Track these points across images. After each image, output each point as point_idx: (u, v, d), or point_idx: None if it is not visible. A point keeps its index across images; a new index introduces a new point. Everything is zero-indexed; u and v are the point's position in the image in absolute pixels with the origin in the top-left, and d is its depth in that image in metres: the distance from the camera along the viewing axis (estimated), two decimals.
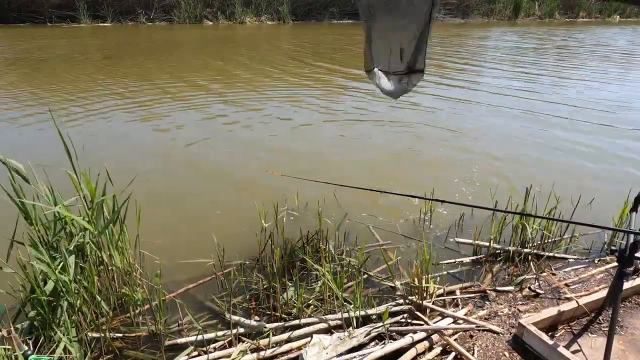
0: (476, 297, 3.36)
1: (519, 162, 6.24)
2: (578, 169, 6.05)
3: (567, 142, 6.97)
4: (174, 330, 3.01)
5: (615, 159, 6.40)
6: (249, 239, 3.71)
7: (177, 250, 3.78)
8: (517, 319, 2.98)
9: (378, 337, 2.88)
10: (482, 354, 2.72)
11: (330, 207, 4.43)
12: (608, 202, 4.75)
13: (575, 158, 6.39)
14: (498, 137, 7.36)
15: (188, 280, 3.48)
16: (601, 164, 6.17)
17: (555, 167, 5.99)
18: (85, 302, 2.80)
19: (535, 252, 3.88)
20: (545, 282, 3.51)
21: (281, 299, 3.19)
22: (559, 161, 6.26)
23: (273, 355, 2.75)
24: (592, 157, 6.39)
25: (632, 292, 3.23)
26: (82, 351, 2.56)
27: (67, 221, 2.87)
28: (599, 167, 6.09)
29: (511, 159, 6.36)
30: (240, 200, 4.88)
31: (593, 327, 2.91)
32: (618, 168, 6.10)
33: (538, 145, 6.89)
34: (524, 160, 6.33)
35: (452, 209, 4.73)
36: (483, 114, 8.72)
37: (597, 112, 8.78)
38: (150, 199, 4.76)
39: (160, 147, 6.75)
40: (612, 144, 6.89)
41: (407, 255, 3.85)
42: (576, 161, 6.26)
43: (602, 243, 4.18)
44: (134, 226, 3.22)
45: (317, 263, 3.45)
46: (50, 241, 2.84)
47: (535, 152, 6.60)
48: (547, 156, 6.43)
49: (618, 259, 2.45)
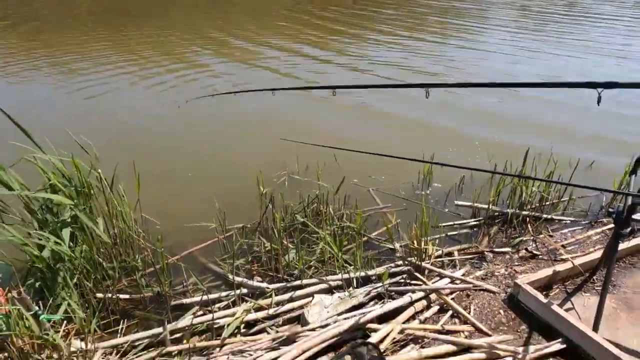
0: (474, 258, 3.43)
1: (518, 126, 6.20)
2: (578, 132, 6.01)
3: (568, 105, 6.87)
4: (179, 292, 3.09)
5: (617, 123, 6.34)
6: (250, 203, 3.73)
7: (179, 214, 3.82)
8: (513, 279, 3.05)
9: (377, 297, 2.96)
10: (478, 312, 2.81)
11: (330, 171, 4.43)
12: (607, 165, 4.76)
13: (575, 121, 6.33)
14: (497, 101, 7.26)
15: (191, 243, 3.54)
16: (602, 128, 6.12)
17: (555, 130, 5.96)
18: (86, 267, 2.85)
19: (533, 215, 3.92)
20: (542, 243, 3.57)
21: (283, 261, 3.25)
22: (558, 124, 6.21)
23: (276, 314, 2.84)
24: (593, 121, 6.33)
25: (626, 252, 3.29)
26: (89, 312, 2.64)
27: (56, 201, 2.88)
28: (600, 131, 6.05)
29: (512, 122, 6.31)
30: (240, 165, 4.88)
31: (587, 286, 2.99)
32: (619, 132, 6.06)
33: (540, 108, 6.82)
34: (524, 123, 6.28)
35: (451, 172, 4.73)
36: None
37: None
38: (150, 165, 4.76)
39: (159, 111, 6.67)
40: (616, 108, 6.80)
41: (406, 218, 3.89)
42: (576, 125, 6.20)
43: (599, 205, 4.22)
44: (134, 192, 3.23)
45: (318, 226, 3.49)
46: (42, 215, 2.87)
47: (536, 114, 6.54)
48: (547, 119, 6.38)
49: (615, 221, 2.47)
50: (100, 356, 2.44)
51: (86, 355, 2.43)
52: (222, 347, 2.55)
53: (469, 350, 2.44)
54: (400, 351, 2.46)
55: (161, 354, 2.49)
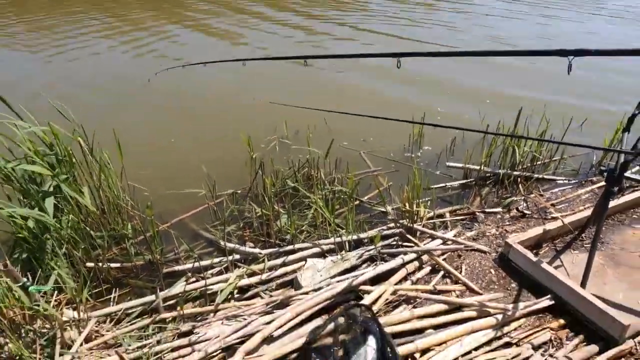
0: (465, 219, 3.44)
1: (511, 86, 6.11)
2: (570, 91, 5.95)
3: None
4: (170, 259, 3.07)
5: (611, 80, 6.29)
6: (240, 168, 3.67)
7: (167, 182, 3.74)
8: (504, 238, 3.07)
9: (370, 259, 2.97)
10: (469, 271, 2.84)
11: (321, 135, 4.35)
12: (600, 124, 4.74)
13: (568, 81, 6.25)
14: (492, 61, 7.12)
15: (181, 210, 3.49)
16: (595, 86, 6.06)
17: (548, 90, 5.89)
18: (74, 237, 2.80)
19: (524, 175, 3.92)
20: (533, 203, 3.58)
21: (274, 226, 3.23)
22: (551, 84, 6.13)
23: (269, 279, 2.84)
24: (587, 80, 6.26)
25: (615, 210, 3.33)
26: (80, 281, 2.61)
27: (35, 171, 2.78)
28: (593, 89, 6.00)
29: (504, 82, 6.22)
30: (227, 130, 4.77)
31: (576, 244, 3.03)
32: (612, 89, 6.01)
33: (535, 70, 6.71)
34: (516, 83, 6.19)
35: (442, 134, 4.69)
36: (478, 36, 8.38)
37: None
38: (134, 131, 4.63)
39: (141, 77, 6.44)
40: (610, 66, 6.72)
41: (398, 181, 3.87)
42: (569, 85, 6.13)
43: (590, 164, 4.23)
44: (118, 160, 3.14)
45: (309, 190, 3.45)
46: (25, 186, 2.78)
47: (530, 75, 6.44)
48: (541, 79, 6.30)
49: (606, 179, 2.47)
50: (93, 325, 2.43)
51: (79, 324, 2.42)
52: (216, 313, 2.55)
53: (460, 308, 2.48)
54: (393, 312, 2.50)
55: (155, 321, 2.49)
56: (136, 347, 2.29)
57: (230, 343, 2.25)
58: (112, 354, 2.14)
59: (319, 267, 2.82)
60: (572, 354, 2.18)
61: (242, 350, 2.15)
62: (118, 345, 2.35)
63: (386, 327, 2.24)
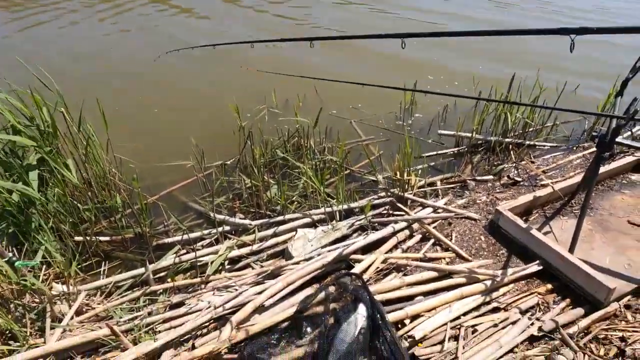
0: (456, 187, 3.43)
1: (504, 51, 6.00)
2: (563, 59, 5.85)
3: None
4: (160, 231, 3.04)
5: (607, 46, 6.19)
6: (228, 139, 3.59)
7: (154, 154, 3.67)
8: (494, 206, 3.08)
9: (361, 229, 2.97)
10: (459, 239, 2.85)
11: (311, 104, 4.27)
12: (593, 89, 4.69)
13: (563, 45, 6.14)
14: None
15: (169, 183, 3.44)
16: (589, 51, 5.97)
17: (542, 54, 5.79)
18: (60, 210, 2.75)
19: (516, 142, 3.90)
20: (524, 170, 3.58)
21: (264, 197, 3.20)
22: (545, 47, 6.02)
23: (260, 250, 2.84)
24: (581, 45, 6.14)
25: (605, 176, 3.33)
26: (68, 255, 2.59)
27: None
28: (587, 54, 5.90)
29: (497, 46, 6.09)
30: (214, 100, 4.66)
31: (565, 210, 3.04)
32: (608, 56, 5.93)
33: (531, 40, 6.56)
34: (509, 48, 6.08)
35: (434, 102, 4.62)
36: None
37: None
38: (119, 103, 4.51)
39: (124, 49, 6.22)
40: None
41: (389, 150, 3.83)
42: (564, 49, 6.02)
43: (581, 130, 4.21)
44: (102, 132, 3.04)
45: (299, 160, 3.41)
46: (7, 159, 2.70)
47: (524, 46, 6.31)
48: (533, 43, 6.18)
49: (598, 144, 2.44)
50: (83, 298, 2.43)
51: (69, 297, 2.41)
52: (207, 284, 2.56)
53: (449, 275, 2.50)
54: (383, 280, 2.51)
55: (146, 293, 2.49)
56: (128, 319, 2.29)
57: (221, 313, 2.26)
58: (104, 326, 2.14)
59: (310, 237, 2.82)
60: (558, 317, 2.22)
61: (233, 320, 2.16)
62: (109, 317, 2.35)
63: (377, 295, 2.26)
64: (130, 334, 2.20)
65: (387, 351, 1.91)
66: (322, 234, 2.86)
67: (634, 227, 2.84)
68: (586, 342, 2.11)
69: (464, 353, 2.02)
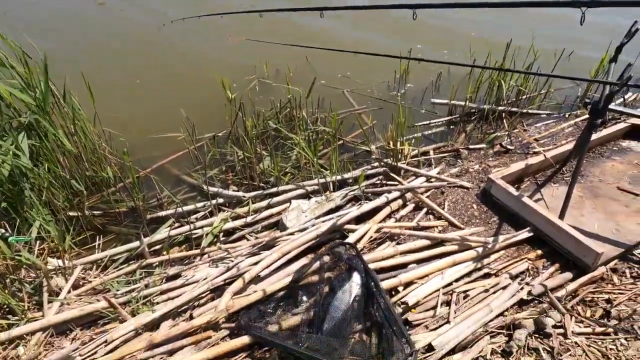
0: (449, 156, 3.44)
1: (499, 16, 5.88)
2: (560, 21, 5.76)
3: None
4: (153, 205, 3.03)
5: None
6: (219, 111, 3.54)
7: (143, 127, 3.61)
8: (486, 174, 3.10)
9: (354, 199, 2.99)
10: (452, 207, 2.88)
11: (302, 74, 4.19)
12: (588, 55, 4.65)
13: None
14: None
15: (160, 156, 3.40)
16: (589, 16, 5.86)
17: (538, 19, 5.69)
18: (53, 183, 2.72)
19: (509, 110, 3.89)
20: (516, 138, 3.58)
21: (258, 169, 3.19)
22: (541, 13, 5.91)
23: (254, 221, 2.85)
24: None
25: (596, 143, 3.35)
26: (61, 230, 2.58)
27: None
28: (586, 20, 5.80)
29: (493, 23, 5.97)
30: (204, 71, 4.55)
31: (556, 177, 3.07)
32: (603, 20, 5.83)
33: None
34: (504, 13, 5.95)
35: (428, 70, 4.56)
36: None
37: None
38: (107, 74, 4.39)
39: (110, 19, 6.00)
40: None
41: (382, 119, 3.80)
42: (557, 13, 5.92)
43: (575, 97, 4.20)
44: (89, 105, 2.97)
45: (291, 131, 3.37)
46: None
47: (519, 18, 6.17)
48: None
49: (590, 111, 2.44)
50: (79, 272, 2.44)
51: (65, 272, 2.42)
52: (203, 256, 2.58)
53: (442, 243, 2.54)
54: (377, 248, 2.55)
55: (142, 266, 2.51)
56: (125, 292, 2.31)
57: (218, 284, 2.29)
58: (101, 299, 2.16)
59: (304, 208, 2.83)
60: (547, 281, 2.28)
61: (230, 290, 2.19)
62: (106, 290, 2.37)
63: (371, 264, 2.29)
64: (128, 306, 2.23)
65: (381, 317, 1.96)
66: (316, 204, 2.87)
67: (623, 193, 2.89)
68: (573, 304, 2.17)
69: (456, 317, 2.08)
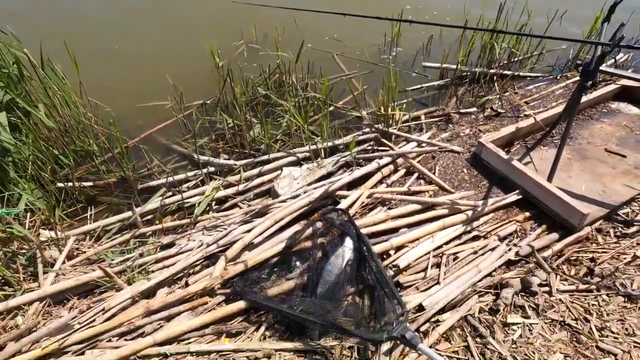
0: (440, 120, 3.43)
1: None
2: None
3: None
4: (144, 175, 3.01)
5: None
6: (207, 77, 3.46)
7: (129, 95, 3.52)
8: (477, 138, 3.11)
9: (346, 165, 2.99)
10: (442, 172, 2.90)
11: (291, 37, 4.07)
12: (582, 14, 4.56)
13: None
14: None
15: (148, 125, 3.34)
16: None
17: None
18: (38, 156, 2.67)
19: (501, 73, 3.86)
20: (507, 101, 3.57)
21: (248, 137, 3.16)
22: None
23: (246, 189, 2.85)
24: None
25: (586, 105, 3.36)
26: (51, 202, 2.56)
27: None
28: None
29: None
30: (189, 36, 4.41)
31: (546, 140, 3.09)
32: None
33: None
34: None
35: (419, 32, 4.47)
36: None
37: None
38: (83, 43, 4.24)
39: None
40: None
41: (373, 84, 3.76)
42: None
43: (567, 59, 4.17)
44: (72, 74, 2.87)
45: (281, 98, 3.32)
46: None
47: None
48: None
49: (581, 73, 2.43)
50: (73, 243, 2.44)
51: (58, 243, 2.42)
52: (196, 225, 2.59)
53: (433, 207, 2.58)
54: (369, 214, 2.58)
55: (135, 236, 2.52)
56: (119, 261, 2.33)
57: (212, 252, 2.32)
58: (97, 269, 2.18)
59: (296, 175, 2.83)
60: (534, 242, 2.34)
61: (224, 257, 2.22)
62: (101, 260, 2.39)
63: (362, 229, 2.33)
64: (123, 275, 2.26)
65: (373, 280, 2.01)
66: (308, 171, 2.87)
67: (611, 155, 2.93)
68: (559, 264, 2.24)
69: (445, 278, 2.14)
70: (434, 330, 1.90)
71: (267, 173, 2.95)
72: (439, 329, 1.90)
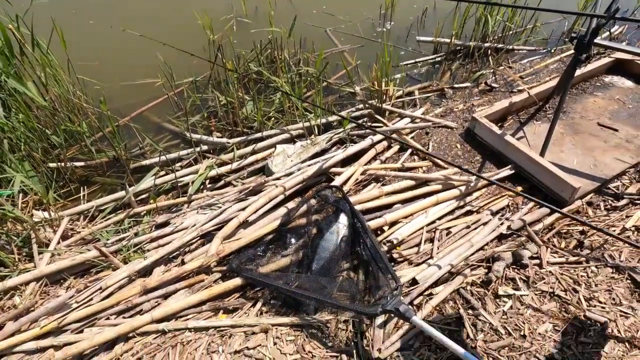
0: (434, 95, 3.41)
1: None
2: None
3: None
4: (136, 154, 2.99)
5: None
6: (198, 53, 3.38)
7: (118, 73, 3.46)
8: (471, 113, 3.10)
9: (340, 142, 2.98)
10: (436, 147, 2.91)
11: (283, 11, 3.99)
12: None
13: None
14: None
15: (139, 104, 3.29)
16: None
17: None
18: (29, 136, 2.63)
19: (495, 46, 3.82)
20: (501, 76, 3.55)
21: (240, 114, 3.13)
22: None
23: (240, 167, 2.84)
24: None
25: (580, 79, 3.35)
26: (44, 182, 2.54)
27: None
28: None
29: None
30: (177, 11, 4.29)
31: (539, 115, 3.09)
32: None
33: None
34: None
35: (413, 4, 4.39)
36: None
37: None
38: (77, 17, 4.12)
39: None
40: None
41: (366, 59, 3.71)
42: None
43: (561, 32, 4.13)
44: (59, 51, 2.80)
45: (274, 74, 3.28)
46: None
47: None
48: None
49: (576, 46, 2.41)
50: (67, 223, 2.44)
51: (52, 223, 2.41)
52: (190, 203, 2.59)
53: (426, 183, 2.59)
54: (363, 190, 2.59)
55: (129, 215, 2.51)
56: (115, 241, 2.34)
57: (207, 230, 2.33)
58: (92, 249, 2.19)
59: (289, 153, 2.82)
60: (526, 216, 2.37)
61: (219, 235, 2.23)
62: (96, 240, 2.39)
63: (357, 205, 2.34)
64: (119, 254, 2.27)
65: (368, 255, 2.04)
66: (302, 149, 2.86)
67: (603, 129, 2.94)
68: (549, 237, 2.28)
69: (439, 253, 2.17)
70: (427, 303, 1.94)
71: (260, 151, 2.93)
72: (432, 302, 1.94)
